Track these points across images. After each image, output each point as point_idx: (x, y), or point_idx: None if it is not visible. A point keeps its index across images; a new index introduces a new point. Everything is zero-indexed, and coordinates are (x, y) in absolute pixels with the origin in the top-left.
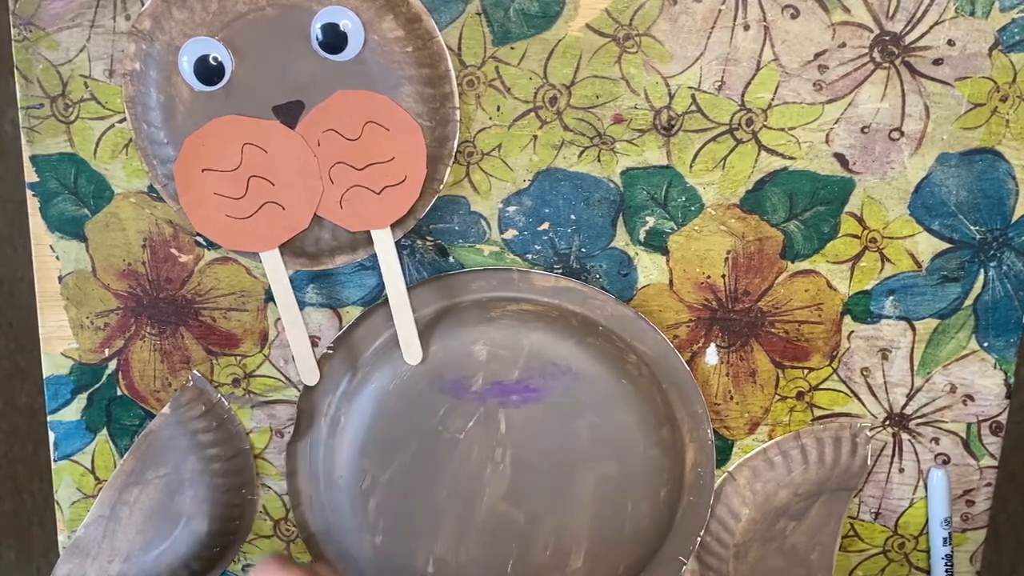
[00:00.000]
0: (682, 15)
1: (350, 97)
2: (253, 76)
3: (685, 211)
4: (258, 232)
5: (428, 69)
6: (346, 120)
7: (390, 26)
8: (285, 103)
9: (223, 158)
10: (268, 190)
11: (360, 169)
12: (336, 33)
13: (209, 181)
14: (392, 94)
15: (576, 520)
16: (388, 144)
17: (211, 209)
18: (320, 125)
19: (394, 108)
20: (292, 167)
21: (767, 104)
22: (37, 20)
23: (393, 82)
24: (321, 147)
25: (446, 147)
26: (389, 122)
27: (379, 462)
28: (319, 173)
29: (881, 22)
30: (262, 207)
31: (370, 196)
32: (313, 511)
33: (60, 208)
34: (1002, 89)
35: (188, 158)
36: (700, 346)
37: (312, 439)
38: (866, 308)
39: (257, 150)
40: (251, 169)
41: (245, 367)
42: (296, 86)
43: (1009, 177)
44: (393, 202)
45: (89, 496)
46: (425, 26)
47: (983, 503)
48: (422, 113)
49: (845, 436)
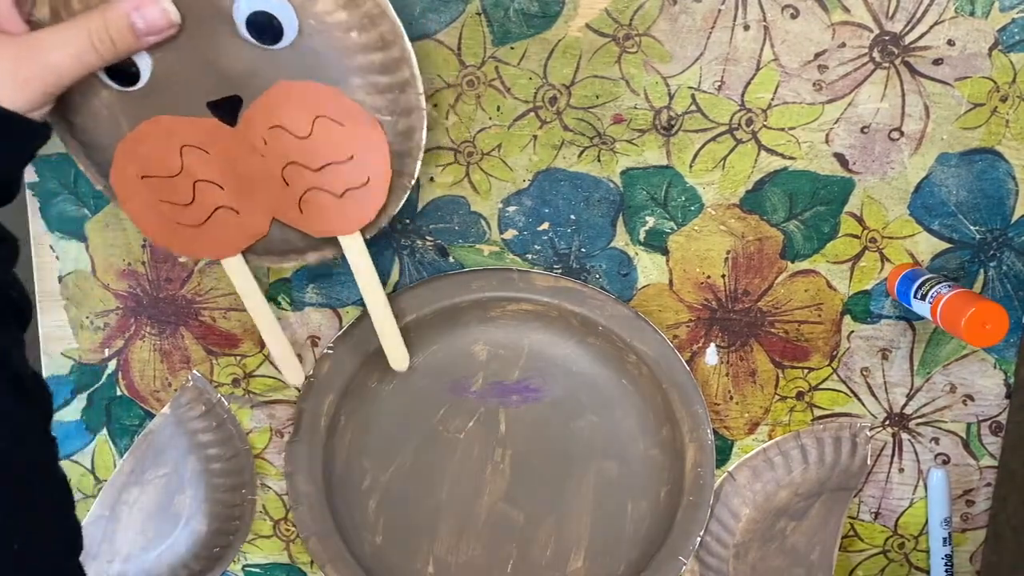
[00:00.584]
0: (682, 15)
1: (293, 89)
2: (177, 70)
3: (685, 211)
4: (215, 239)
5: (380, 53)
6: (293, 115)
7: (327, 7)
8: (220, 99)
9: (161, 163)
10: (217, 195)
11: (316, 170)
12: (265, 18)
13: (151, 188)
14: (341, 85)
15: (576, 520)
16: (343, 141)
17: (159, 217)
18: (263, 121)
19: (344, 100)
20: (239, 169)
21: (767, 104)
22: None
23: (340, 72)
24: (268, 145)
25: (412, 139)
26: (342, 116)
27: (379, 462)
28: (270, 173)
29: (881, 22)
30: (214, 212)
31: (330, 199)
32: (313, 511)
33: (60, 208)
34: (1002, 89)
35: (122, 165)
36: (700, 346)
37: (312, 439)
38: (866, 308)
39: (198, 151)
40: (194, 173)
41: (245, 367)
42: (230, 79)
43: (1009, 177)
44: (357, 206)
45: (89, 496)
46: (370, 4)
47: (983, 503)
48: (379, 106)
49: (845, 436)
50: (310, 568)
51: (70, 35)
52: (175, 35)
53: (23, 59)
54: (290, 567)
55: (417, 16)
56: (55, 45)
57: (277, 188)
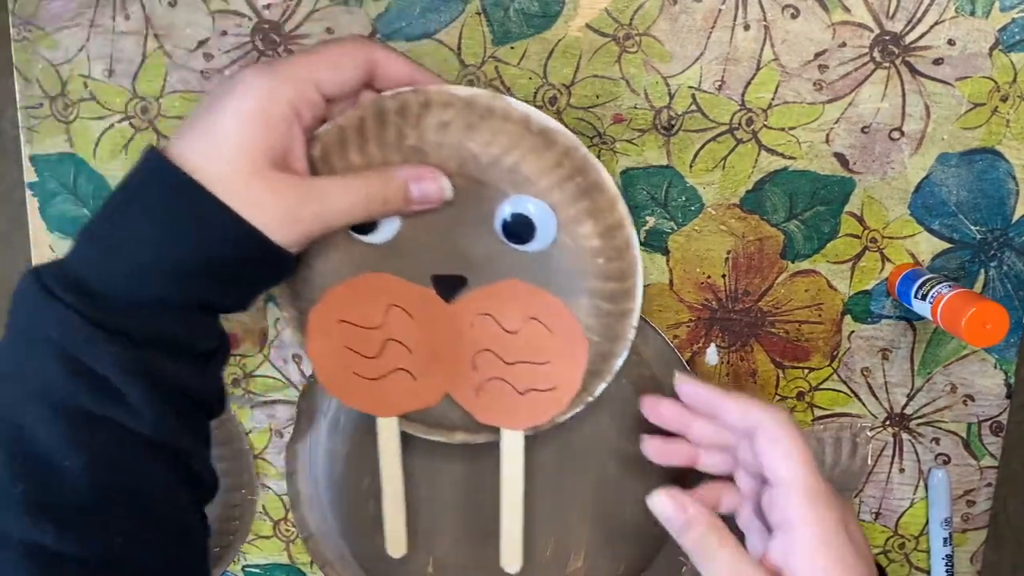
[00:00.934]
0: (682, 15)
1: (521, 289)
2: (420, 239)
3: (685, 211)
4: (382, 397)
5: (615, 284)
6: (509, 310)
7: (588, 231)
8: (447, 275)
9: (365, 314)
10: (403, 356)
11: (509, 363)
12: (524, 224)
13: (343, 332)
14: (568, 300)
15: (576, 520)
16: (547, 347)
17: (338, 362)
18: (479, 307)
19: (566, 316)
20: (436, 340)
21: (767, 104)
22: (36, 20)
23: (573, 288)
24: (473, 329)
25: (608, 363)
26: (555, 326)
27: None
28: (463, 354)
29: (881, 22)
30: (392, 372)
31: (511, 393)
32: (313, 511)
33: (59, 208)
34: (1002, 89)
35: (329, 306)
36: (700, 346)
37: (312, 439)
38: (866, 308)
39: (403, 314)
40: (391, 332)
41: (245, 367)
42: (464, 261)
43: (1009, 177)
44: (535, 407)
45: None
46: (624, 235)
47: (983, 503)
48: (592, 327)
49: (845, 436)
50: (310, 568)
51: (350, 189)
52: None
53: (303, 201)
54: (290, 567)
55: (417, 16)
56: (335, 195)
57: (464, 368)
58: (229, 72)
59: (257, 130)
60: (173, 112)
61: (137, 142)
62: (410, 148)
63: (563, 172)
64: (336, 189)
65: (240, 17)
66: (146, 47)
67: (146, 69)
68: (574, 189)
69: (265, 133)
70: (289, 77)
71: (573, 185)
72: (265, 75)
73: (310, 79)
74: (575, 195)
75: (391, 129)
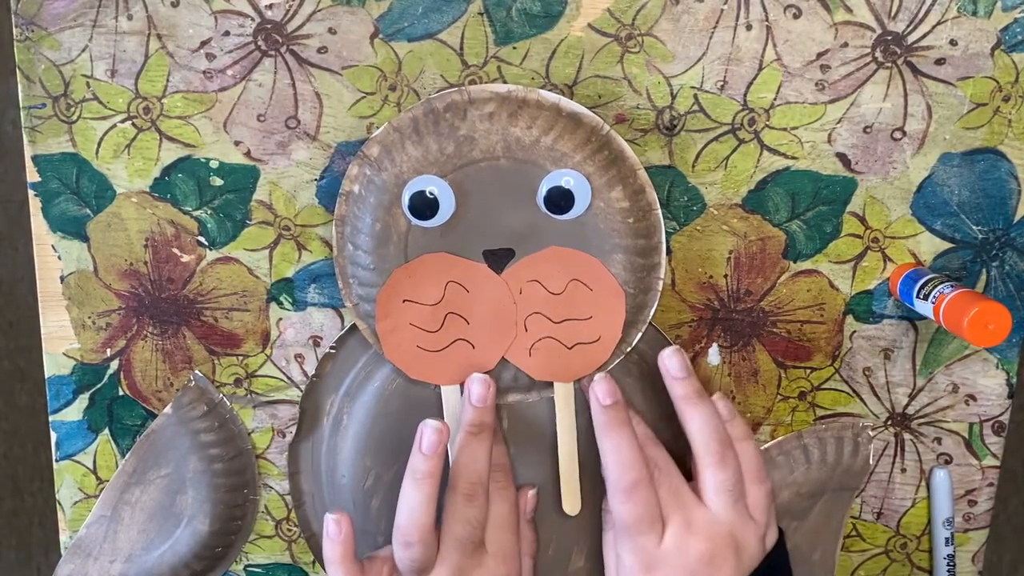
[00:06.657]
0: (684, 15)
1: (562, 254)
2: (472, 219)
3: (687, 211)
4: (444, 366)
5: (644, 240)
6: (553, 274)
7: (618, 195)
8: (497, 249)
9: (426, 292)
10: (462, 328)
11: (557, 322)
12: (564, 194)
13: (408, 311)
14: (604, 258)
15: (578, 519)
16: (590, 304)
17: (404, 338)
18: (526, 275)
19: (603, 272)
20: (490, 310)
21: (769, 104)
22: (39, 20)
23: (608, 248)
24: (523, 295)
25: (642, 314)
26: (595, 283)
27: (382, 461)
28: (515, 319)
29: (883, 22)
30: (453, 343)
31: (560, 349)
32: (315, 511)
33: (62, 208)
34: (1004, 89)
35: (393, 287)
36: (702, 346)
37: (314, 439)
38: (868, 308)
39: (460, 289)
40: (450, 306)
41: (247, 367)
42: (511, 235)
43: (1011, 177)
44: (582, 359)
45: (91, 496)
46: (647, 198)
47: (985, 503)
48: (628, 281)
49: (847, 436)
50: (312, 568)
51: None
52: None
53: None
54: (292, 567)
55: (419, 16)
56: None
57: (517, 332)
58: (231, 73)
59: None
60: (175, 112)
61: (139, 142)
62: (463, 137)
63: (593, 146)
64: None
65: (243, 17)
66: (148, 47)
67: (148, 69)
68: (603, 159)
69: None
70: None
71: (602, 156)
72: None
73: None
74: (605, 165)
75: (443, 123)
